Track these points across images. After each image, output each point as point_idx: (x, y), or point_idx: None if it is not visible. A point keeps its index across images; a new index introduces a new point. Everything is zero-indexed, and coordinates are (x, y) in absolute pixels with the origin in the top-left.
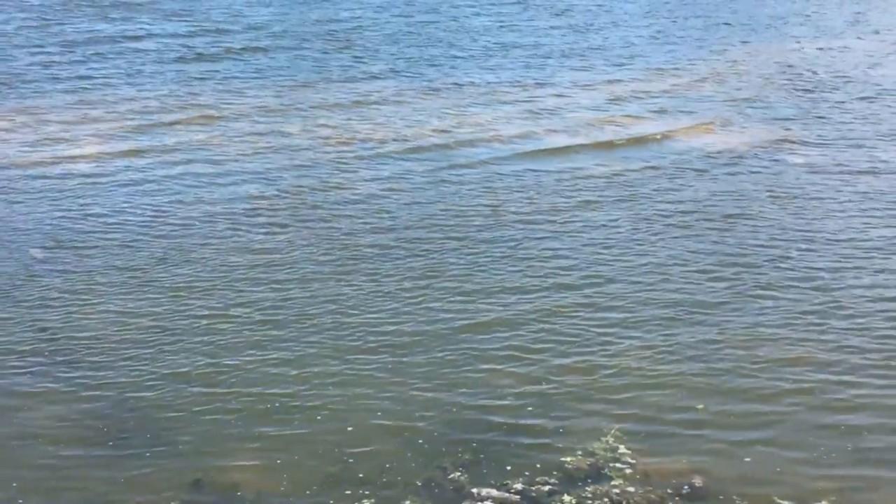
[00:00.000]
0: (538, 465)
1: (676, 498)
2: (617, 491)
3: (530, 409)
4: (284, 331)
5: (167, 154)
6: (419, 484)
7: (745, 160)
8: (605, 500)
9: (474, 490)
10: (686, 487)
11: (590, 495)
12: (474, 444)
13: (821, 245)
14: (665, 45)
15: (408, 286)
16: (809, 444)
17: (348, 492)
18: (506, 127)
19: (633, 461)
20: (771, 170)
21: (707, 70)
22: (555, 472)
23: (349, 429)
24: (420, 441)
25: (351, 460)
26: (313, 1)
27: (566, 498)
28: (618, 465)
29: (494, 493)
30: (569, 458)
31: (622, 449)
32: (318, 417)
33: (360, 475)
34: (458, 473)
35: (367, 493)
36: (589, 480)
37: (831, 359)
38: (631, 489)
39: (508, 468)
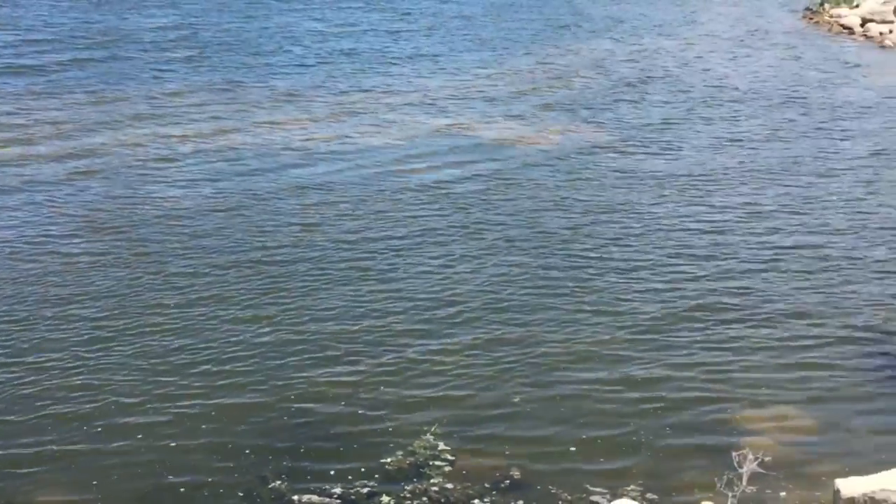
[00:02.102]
0: (361, 468)
1: (494, 492)
2: (436, 489)
3: (352, 413)
4: (99, 349)
5: None
6: (240, 495)
7: (564, 161)
8: (424, 498)
9: (294, 497)
10: (505, 481)
11: (409, 494)
12: (299, 451)
13: (632, 238)
14: (491, 48)
15: (224, 298)
16: (617, 433)
17: None
18: (324, 135)
19: (453, 458)
20: (588, 169)
21: (531, 72)
22: (375, 474)
23: (171, 445)
24: (244, 451)
25: (170, 476)
26: (123, 8)
27: (385, 498)
28: (437, 462)
29: (315, 498)
30: (389, 459)
31: (442, 446)
32: (138, 436)
33: (181, 490)
34: (279, 482)
35: None
36: (410, 479)
37: (648, 353)
38: (450, 486)
39: (331, 473)
